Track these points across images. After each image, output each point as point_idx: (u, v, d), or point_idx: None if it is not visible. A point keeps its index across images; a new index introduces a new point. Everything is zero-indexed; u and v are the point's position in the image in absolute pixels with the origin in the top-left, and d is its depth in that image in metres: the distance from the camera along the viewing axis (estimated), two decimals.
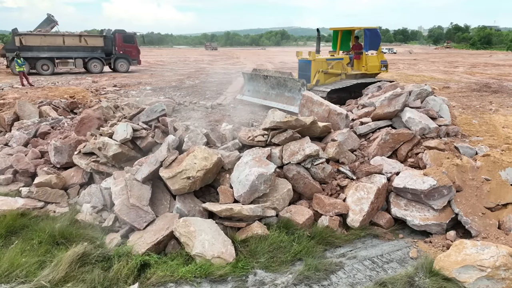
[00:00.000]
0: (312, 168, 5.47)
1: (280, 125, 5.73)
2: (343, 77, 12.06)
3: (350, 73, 12.19)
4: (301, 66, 12.28)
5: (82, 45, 22.91)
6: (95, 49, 23.43)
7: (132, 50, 24.85)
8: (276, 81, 11.30)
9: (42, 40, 21.81)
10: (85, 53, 22.90)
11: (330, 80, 11.90)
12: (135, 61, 25.10)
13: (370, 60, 12.41)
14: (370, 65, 12.32)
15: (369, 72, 12.33)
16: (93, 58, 23.20)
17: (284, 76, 11.14)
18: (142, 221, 4.66)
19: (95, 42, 23.47)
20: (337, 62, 12.11)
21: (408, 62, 33.78)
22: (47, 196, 5.60)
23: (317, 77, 11.63)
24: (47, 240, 4.41)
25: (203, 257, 4.10)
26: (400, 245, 4.74)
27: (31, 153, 6.64)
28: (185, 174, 4.83)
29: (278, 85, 11.21)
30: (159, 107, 6.21)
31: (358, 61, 12.52)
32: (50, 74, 21.55)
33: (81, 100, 10.39)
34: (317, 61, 11.80)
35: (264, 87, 11.77)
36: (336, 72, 12.02)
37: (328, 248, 4.60)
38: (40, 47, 21.59)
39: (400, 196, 5.26)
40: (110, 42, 23.94)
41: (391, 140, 6.03)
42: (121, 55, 24.35)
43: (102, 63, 23.59)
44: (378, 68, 12.54)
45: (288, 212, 5.04)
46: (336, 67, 12.05)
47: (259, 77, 11.98)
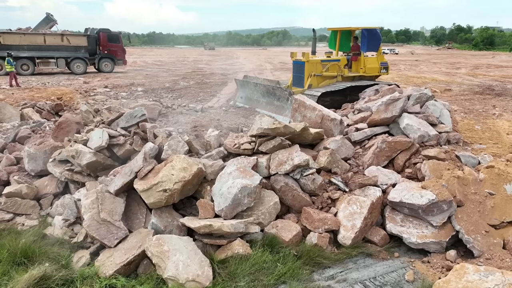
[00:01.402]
0: (301, 179, 5.06)
1: (268, 132, 5.32)
2: (339, 80, 11.58)
3: (347, 75, 11.72)
4: (295, 68, 11.88)
5: (64, 45, 22.09)
6: (78, 49, 22.62)
7: (117, 50, 24.05)
8: (265, 89, 10.89)
9: (22, 39, 21.01)
10: (67, 53, 22.09)
11: (325, 83, 11.41)
12: (121, 61, 24.31)
13: (368, 61, 11.88)
14: (368, 67, 11.79)
15: (367, 74, 11.81)
16: (76, 58, 22.36)
17: (272, 84, 10.71)
18: (113, 238, 4.26)
19: (78, 42, 22.67)
20: (333, 64, 11.64)
21: (410, 63, 33.34)
22: (16, 207, 5.22)
23: (310, 81, 11.16)
24: (6, 259, 4.01)
25: (175, 281, 3.70)
26: (395, 265, 4.33)
27: (5, 160, 6.25)
28: (161, 186, 4.43)
29: (268, 93, 10.82)
30: (139, 112, 5.81)
31: (356, 63, 12.01)
32: (30, 74, 20.82)
33: (68, 102, 10.01)
34: (311, 62, 11.35)
35: (255, 94, 11.36)
36: (332, 75, 11.56)
37: (316, 269, 4.20)
38: (19, 46, 20.77)
39: (396, 210, 4.85)
40: (94, 41, 23.17)
41: (388, 149, 5.62)
42: (106, 55, 23.58)
43: (86, 63, 22.77)
44: (377, 70, 12.00)
45: (274, 228, 4.64)
46: (332, 69, 11.59)
47: (249, 84, 11.57)
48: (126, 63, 25.29)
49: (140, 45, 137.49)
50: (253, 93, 11.46)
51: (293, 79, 12.07)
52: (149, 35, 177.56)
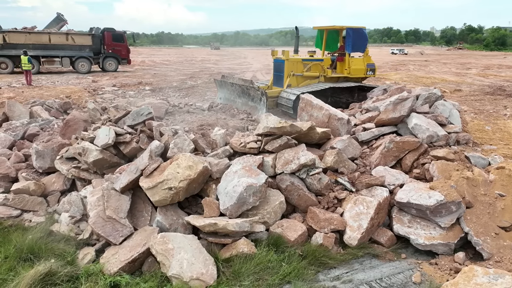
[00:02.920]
0: (307, 179, 5.02)
1: (274, 131, 5.29)
2: (322, 80, 11.08)
3: (330, 76, 11.20)
4: (275, 66, 11.43)
5: (69, 44, 22.14)
6: (83, 48, 22.65)
7: (121, 49, 24.02)
8: (240, 89, 10.54)
9: (27, 38, 21.11)
10: (72, 52, 22.14)
11: (306, 83, 10.93)
12: (125, 60, 24.31)
13: (354, 62, 11.30)
14: (353, 68, 11.23)
15: (352, 76, 11.24)
16: (80, 57, 22.39)
17: (246, 84, 10.29)
18: (118, 236, 4.27)
19: (83, 41, 22.69)
20: (315, 64, 11.10)
21: (419, 63, 32.99)
22: (24, 204, 5.25)
23: (289, 81, 10.70)
24: (13, 255, 4.04)
25: (180, 279, 3.69)
26: (402, 267, 4.26)
27: (14, 157, 6.31)
28: (166, 184, 4.43)
29: (243, 93, 10.47)
30: (146, 110, 5.82)
31: (341, 64, 11.47)
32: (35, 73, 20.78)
33: (77, 100, 10.09)
34: (291, 61, 10.85)
35: (232, 94, 11.01)
36: (314, 75, 11.05)
37: (321, 270, 4.15)
38: (24, 45, 20.73)
39: (404, 211, 4.78)
40: (99, 40, 23.19)
41: (395, 149, 5.54)
42: (110, 54, 23.56)
43: (90, 62, 22.80)
44: (363, 72, 11.39)
45: (279, 227, 4.60)
46: (314, 69, 11.07)
47: (227, 84, 11.21)
48: (130, 62, 25.33)
49: (149, 45, 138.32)
50: (231, 94, 11.12)
51: (274, 78, 11.66)
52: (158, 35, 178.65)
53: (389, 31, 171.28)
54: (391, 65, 30.97)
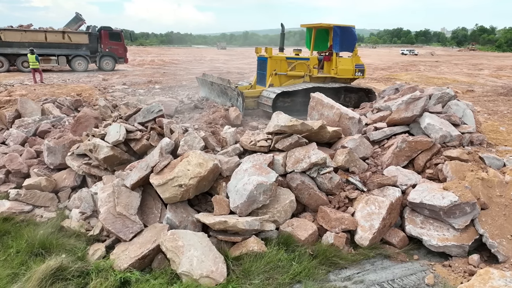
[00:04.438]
0: (318, 178, 4.97)
1: (285, 130, 5.26)
2: (307, 80, 10.66)
3: (316, 76, 10.76)
4: (259, 64, 10.97)
5: (65, 42, 21.90)
6: (80, 47, 22.42)
7: (118, 48, 23.74)
8: (219, 89, 10.22)
9: (23, 36, 20.93)
10: (68, 50, 21.92)
11: (289, 83, 10.53)
12: (122, 59, 24.04)
13: (341, 62, 10.86)
14: (341, 69, 10.82)
15: (339, 77, 10.85)
16: (77, 55, 22.19)
17: (224, 83, 9.96)
18: (128, 232, 4.27)
19: (79, 39, 22.47)
20: (301, 63, 10.64)
21: (430, 64, 32.63)
22: (35, 200, 5.30)
23: (271, 80, 10.29)
24: (25, 250, 4.07)
25: (189, 276, 3.67)
26: (414, 268, 4.19)
27: (25, 153, 6.38)
28: (176, 181, 4.42)
29: (222, 93, 10.16)
30: (156, 108, 5.83)
31: (328, 63, 11.05)
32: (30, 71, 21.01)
33: (87, 98, 10.16)
34: (274, 59, 10.40)
35: (212, 94, 10.69)
36: (298, 74, 10.62)
37: (332, 270, 4.09)
38: (20, 43, 20.71)
39: (416, 212, 4.70)
40: (96, 39, 22.95)
41: (408, 149, 5.46)
42: (107, 53, 23.31)
43: (87, 61, 22.61)
44: (351, 72, 10.97)
45: (289, 226, 4.56)
46: (299, 68, 10.63)
47: (207, 82, 10.88)
48: (127, 61, 25.07)
49: (158, 44, 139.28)
50: (211, 93, 10.81)
51: (257, 77, 11.25)
52: (167, 34, 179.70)
53: (399, 32, 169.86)
54: (401, 65, 30.68)
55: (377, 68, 26.95)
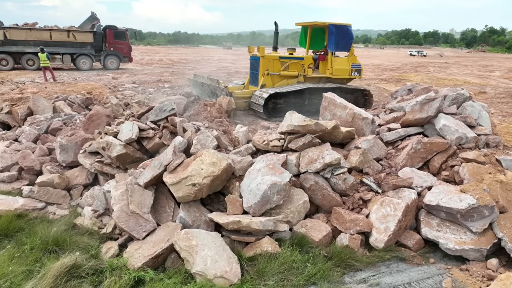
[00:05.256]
0: (332, 178, 4.91)
1: (298, 129, 5.21)
2: (301, 80, 10.38)
3: (311, 76, 10.48)
4: (252, 64, 10.71)
5: (70, 41, 21.94)
6: (84, 45, 22.43)
7: (123, 47, 23.71)
8: (209, 89, 10.04)
9: (28, 34, 20.98)
10: (73, 49, 21.92)
11: (283, 83, 10.24)
12: (126, 58, 24.01)
13: (337, 62, 10.54)
14: (336, 68, 10.52)
15: (335, 77, 10.54)
16: (81, 54, 22.17)
17: (213, 84, 9.79)
18: (141, 231, 4.25)
19: (84, 38, 22.47)
20: (295, 62, 10.36)
21: (439, 65, 32.33)
22: (48, 197, 5.30)
23: (263, 80, 10.01)
24: (39, 247, 4.07)
25: (203, 276, 3.64)
26: (431, 271, 4.11)
27: (38, 150, 6.40)
28: (190, 180, 4.39)
29: (212, 93, 9.96)
30: (169, 106, 5.81)
31: (323, 63, 10.75)
32: (35, 70, 20.66)
33: (98, 96, 10.20)
34: (267, 58, 10.12)
35: (203, 94, 10.52)
36: (292, 74, 10.34)
37: (347, 272, 4.03)
38: (25, 41, 20.78)
39: (432, 214, 4.62)
40: (100, 38, 22.96)
41: (423, 150, 5.38)
42: (112, 52, 23.31)
43: (92, 59, 22.60)
44: (347, 72, 10.66)
45: (303, 227, 4.51)
46: (293, 68, 10.35)
47: (198, 83, 10.72)
48: (132, 60, 25.02)
49: (166, 44, 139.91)
50: (202, 93, 10.63)
51: (250, 77, 11.00)
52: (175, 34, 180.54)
53: (407, 33, 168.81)
54: (410, 66, 30.43)
55: (386, 69, 26.77)
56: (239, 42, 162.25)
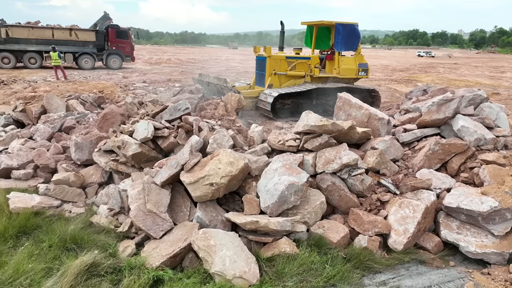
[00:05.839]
0: (349, 179, 4.86)
1: (315, 129, 5.16)
2: (308, 80, 10.30)
3: (318, 76, 10.40)
4: (258, 64, 10.64)
5: (72, 39, 21.85)
6: (86, 44, 22.34)
7: (125, 46, 23.62)
8: (215, 88, 9.97)
9: (30, 32, 20.88)
10: (75, 48, 21.82)
11: (289, 83, 10.18)
12: (129, 57, 23.89)
13: (344, 62, 10.45)
14: (343, 68, 10.43)
15: (341, 76, 10.45)
16: (84, 53, 22.08)
17: (220, 83, 9.69)
18: (158, 230, 4.24)
19: (87, 37, 22.41)
20: (301, 62, 10.28)
21: (449, 66, 32.03)
22: (64, 195, 5.32)
23: (270, 80, 9.94)
24: (57, 244, 4.07)
25: (222, 277, 3.61)
26: (451, 275, 4.05)
27: (53, 148, 6.43)
28: (208, 180, 4.37)
29: (218, 93, 9.87)
30: (183, 105, 5.80)
31: (330, 63, 10.65)
32: (37, 68, 20.64)
33: (109, 95, 10.24)
34: (274, 58, 10.05)
35: (209, 93, 10.43)
36: (299, 74, 10.26)
37: (366, 274, 3.99)
38: (27, 39, 20.70)
39: (452, 216, 4.55)
40: (103, 37, 22.83)
41: (441, 151, 5.30)
42: (114, 51, 23.21)
43: (94, 58, 22.50)
44: (354, 72, 10.57)
45: (320, 228, 4.47)
46: (300, 67, 10.26)
47: (203, 82, 10.66)
48: (134, 59, 24.86)
49: (173, 43, 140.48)
50: (208, 93, 10.51)
51: (256, 77, 10.93)
52: (181, 34, 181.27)
53: (415, 33, 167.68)
54: (419, 67, 30.19)
55: (395, 70, 26.58)
56: (246, 42, 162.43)
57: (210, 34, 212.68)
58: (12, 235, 4.26)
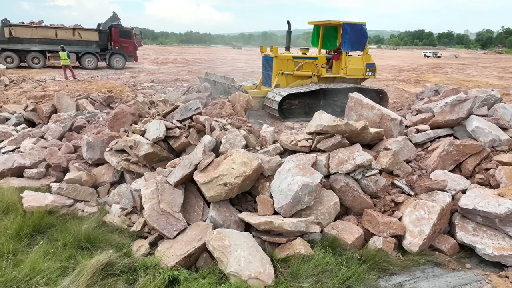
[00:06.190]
0: (362, 180, 4.83)
1: (328, 130, 5.13)
2: (315, 81, 10.25)
3: (325, 76, 10.33)
4: (264, 64, 10.60)
5: (75, 39, 21.82)
6: (90, 44, 22.34)
7: (129, 45, 23.59)
8: (222, 88, 9.92)
9: (33, 32, 20.90)
10: (78, 47, 21.78)
11: (297, 83, 10.14)
12: (132, 57, 23.88)
13: (351, 62, 10.39)
14: (351, 68, 10.37)
15: (349, 76, 10.38)
16: (87, 53, 22.06)
17: (227, 82, 9.61)
18: (172, 229, 4.23)
19: (90, 36, 22.40)
20: (308, 62, 10.24)
21: (456, 66, 31.80)
22: (76, 194, 5.33)
23: (277, 80, 9.90)
24: (72, 243, 4.08)
25: (238, 277, 3.59)
26: (468, 277, 4.00)
27: (64, 147, 6.45)
28: (221, 180, 4.36)
29: (225, 92, 9.79)
30: (194, 105, 5.79)
31: (337, 63, 10.57)
32: (40, 68, 20.64)
33: (118, 95, 10.27)
34: (281, 58, 10.02)
35: (216, 92, 10.38)
36: (306, 74, 10.21)
37: (382, 276, 3.95)
38: (31, 39, 20.70)
39: (467, 218, 4.50)
40: (106, 36, 22.85)
41: (455, 152, 5.25)
42: (117, 50, 23.19)
43: (97, 58, 22.50)
44: (361, 72, 10.51)
45: (334, 229, 4.44)
46: (307, 67, 10.22)
47: (210, 81, 10.61)
48: (137, 59, 24.85)
49: (177, 43, 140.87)
50: (214, 92, 10.44)
51: (262, 77, 10.88)
52: (186, 34, 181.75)
53: (421, 33, 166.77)
54: (426, 67, 30.00)
55: (402, 70, 26.44)
56: (251, 42, 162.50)
57: (215, 34, 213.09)
58: (27, 233, 4.27)
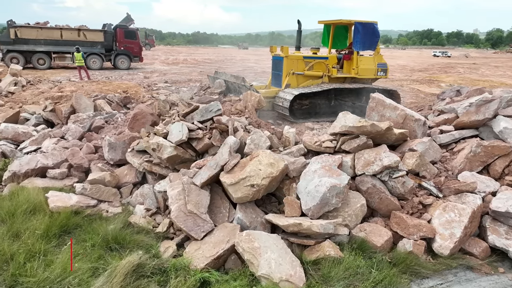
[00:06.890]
0: (389, 182, 4.76)
1: (352, 131, 5.07)
2: (326, 81, 10.09)
3: (336, 76, 10.18)
4: (274, 64, 10.45)
5: (81, 40, 21.84)
6: (95, 44, 22.41)
7: (134, 46, 23.59)
8: (232, 87, 9.82)
9: (39, 33, 20.96)
10: (83, 48, 21.35)
11: (307, 83, 10.00)
12: (137, 58, 23.90)
13: (363, 62, 10.22)
14: (362, 68, 10.18)
15: (360, 77, 10.21)
16: (92, 53, 22.11)
17: (238, 82, 9.48)
18: (199, 231, 4.21)
19: (95, 37, 22.46)
20: (319, 62, 10.08)
21: (468, 66, 31.42)
22: (100, 194, 5.34)
23: (288, 80, 9.77)
24: (100, 244, 4.08)
25: (269, 280, 3.56)
26: (502, 282, 3.92)
27: (85, 148, 6.47)
28: (249, 181, 4.33)
29: (235, 91, 9.70)
30: (215, 107, 5.76)
31: (348, 63, 10.40)
32: (46, 69, 20.71)
33: (134, 95, 10.30)
34: (291, 58, 9.87)
35: (226, 91, 10.29)
36: (317, 74, 10.07)
37: (414, 279, 3.89)
38: (36, 40, 20.80)
39: (499, 221, 4.41)
40: (111, 37, 22.89)
41: (483, 153, 5.15)
42: (122, 51, 23.19)
43: (102, 59, 22.58)
44: (373, 72, 10.33)
45: (362, 231, 4.38)
46: (318, 67, 10.08)
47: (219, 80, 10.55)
48: (142, 60, 24.90)
49: (185, 44, 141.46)
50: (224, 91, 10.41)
51: (272, 77, 10.76)
52: (194, 34, 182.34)
53: (429, 33, 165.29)
54: (437, 67, 29.69)
55: (414, 70, 26.19)
56: (258, 42, 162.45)
57: (222, 34, 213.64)
58: (56, 234, 4.28)
